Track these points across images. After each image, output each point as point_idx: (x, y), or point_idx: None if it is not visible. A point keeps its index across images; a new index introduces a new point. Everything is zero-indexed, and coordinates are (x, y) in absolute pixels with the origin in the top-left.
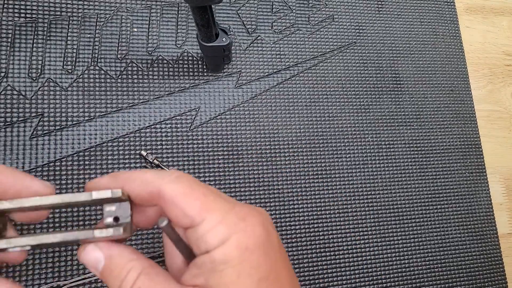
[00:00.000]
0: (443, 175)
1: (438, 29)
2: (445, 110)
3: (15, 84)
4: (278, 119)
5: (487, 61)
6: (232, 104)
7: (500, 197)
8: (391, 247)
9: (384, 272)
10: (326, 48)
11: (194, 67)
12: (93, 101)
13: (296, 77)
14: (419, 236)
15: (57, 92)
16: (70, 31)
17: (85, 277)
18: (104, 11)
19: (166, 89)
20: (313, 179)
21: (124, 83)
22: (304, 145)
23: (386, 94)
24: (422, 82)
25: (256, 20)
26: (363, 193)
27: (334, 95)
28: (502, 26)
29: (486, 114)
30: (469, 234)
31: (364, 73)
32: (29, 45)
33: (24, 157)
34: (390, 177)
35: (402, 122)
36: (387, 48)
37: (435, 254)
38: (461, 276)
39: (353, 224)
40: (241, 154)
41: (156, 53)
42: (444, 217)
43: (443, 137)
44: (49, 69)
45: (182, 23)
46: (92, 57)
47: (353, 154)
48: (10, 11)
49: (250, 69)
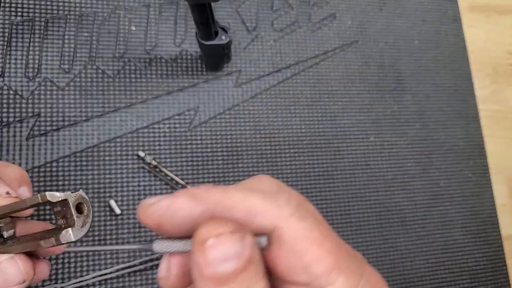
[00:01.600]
0: (445, 175)
1: (441, 28)
2: (448, 110)
3: (11, 83)
4: (279, 119)
5: (491, 61)
6: (232, 104)
7: (504, 198)
8: (393, 249)
9: (386, 274)
10: (327, 46)
11: (193, 66)
12: (90, 100)
13: (297, 76)
14: (422, 237)
15: (54, 92)
16: (67, 30)
17: (83, 280)
18: (102, 10)
19: (165, 88)
20: (314, 179)
21: (122, 83)
22: (305, 145)
23: (388, 93)
24: (424, 82)
25: (256, 18)
26: (365, 194)
27: (336, 94)
28: (506, 25)
29: (489, 114)
30: (472, 235)
31: (366, 72)
32: (25, 44)
33: (21, 157)
34: (392, 177)
35: (404, 121)
36: (389, 46)
37: (438, 256)
38: (464, 277)
39: (355, 225)
40: (241, 154)
41: (154, 52)
42: (447, 218)
43: (446, 137)
44: (45, 69)
45: (181, 22)
46: (90, 56)
47: (355, 154)
48: (6, 10)
49: (250, 68)
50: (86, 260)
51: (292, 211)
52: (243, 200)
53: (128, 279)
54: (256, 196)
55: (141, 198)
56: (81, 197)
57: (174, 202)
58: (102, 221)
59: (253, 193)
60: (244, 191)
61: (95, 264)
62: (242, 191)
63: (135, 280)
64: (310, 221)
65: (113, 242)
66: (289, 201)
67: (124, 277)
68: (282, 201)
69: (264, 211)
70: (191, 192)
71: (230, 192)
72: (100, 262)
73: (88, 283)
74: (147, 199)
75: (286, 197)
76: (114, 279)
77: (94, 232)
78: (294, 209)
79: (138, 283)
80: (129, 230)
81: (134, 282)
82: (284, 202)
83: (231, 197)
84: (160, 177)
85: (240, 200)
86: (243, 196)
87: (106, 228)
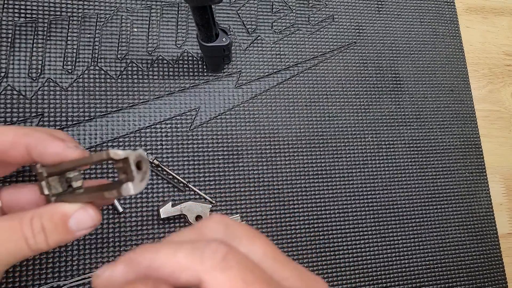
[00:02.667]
0: (443, 175)
1: (438, 29)
2: (445, 110)
3: (15, 84)
4: (278, 119)
5: (487, 61)
6: (232, 104)
7: (500, 197)
8: (391, 247)
9: (384, 272)
10: (326, 48)
11: (194, 67)
12: (93, 101)
13: (296, 77)
14: (419, 236)
15: (57, 92)
16: (70, 31)
17: (85, 277)
18: (104, 11)
19: (166, 89)
20: (313, 179)
21: (124, 83)
22: (304, 145)
23: (386, 94)
24: (422, 82)
25: (256, 20)
26: (363, 193)
27: (334, 95)
28: (502, 26)
29: (486, 114)
30: (469, 234)
31: (364, 73)
32: (29, 45)
33: None
34: (390, 177)
35: (402, 122)
36: (387, 48)
37: (435, 254)
38: (460, 276)
39: (353, 224)
40: (241, 154)
41: (156, 53)
42: (444, 217)
43: (443, 137)
44: (49, 69)
45: (182, 23)
46: (92, 57)
47: (353, 154)
48: (10, 11)
49: (250, 69)
50: (89, 257)
51: (216, 262)
52: (171, 258)
53: None
54: (183, 252)
55: (143, 196)
56: (140, 155)
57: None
58: (105, 219)
59: (181, 248)
60: (173, 248)
61: (97, 262)
62: (171, 248)
63: None
64: (233, 272)
65: (116, 240)
66: (215, 252)
67: None
68: (208, 252)
69: (189, 266)
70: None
71: (160, 252)
72: (103, 260)
73: (90, 280)
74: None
75: (213, 248)
76: None
77: (97, 229)
78: (218, 260)
79: None
80: (131, 227)
81: None
82: (210, 254)
83: (160, 257)
84: (162, 176)
85: (167, 258)
86: (172, 253)
87: (109, 226)
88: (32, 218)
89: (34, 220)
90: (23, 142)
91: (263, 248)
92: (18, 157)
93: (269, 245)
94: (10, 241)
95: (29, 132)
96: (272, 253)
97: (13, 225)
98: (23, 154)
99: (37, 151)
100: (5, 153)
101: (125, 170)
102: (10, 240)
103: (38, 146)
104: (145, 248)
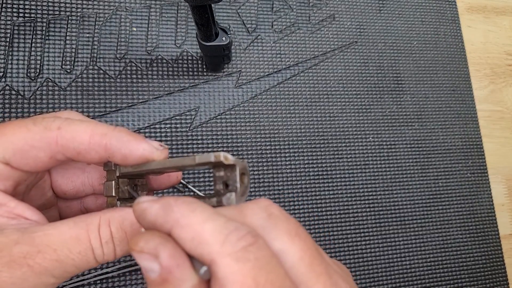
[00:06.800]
0: (444, 175)
1: (440, 28)
2: (446, 110)
3: (13, 84)
4: (279, 119)
5: (489, 61)
6: (232, 104)
7: (502, 198)
8: (392, 248)
9: (385, 273)
10: (326, 47)
11: (193, 67)
12: (92, 101)
13: (296, 77)
14: (420, 236)
15: (55, 92)
16: (68, 30)
17: (84, 278)
18: (103, 11)
19: (166, 89)
20: (313, 179)
21: (123, 83)
22: (304, 145)
23: (387, 93)
24: (423, 82)
25: (256, 19)
26: (364, 194)
27: (335, 94)
28: (504, 25)
29: (487, 114)
30: (470, 235)
31: (365, 72)
32: (27, 45)
33: None
34: (391, 177)
35: (403, 122)
36: (388, 47)
37: (436, 255)
38: (462, 277)
39: (354, 224)
40: (241, 154)
41: (155, 52)
42: (445, 217)
43: (445, 137)
44: (47, 69)
45: (182, 23)
46: (91, 56)
47: (354, 154)
48: (8, 11)
49: (250, 69)
50: None
51: (235, 250)
52: (198, 225)
53: (130, 277)
54: (211, 225)
55: None
56: (245, 167)
57: (150, 207)
58: None
59: (212, 221)
60: (206, 217)
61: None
62: (204, 215)
63: (136, 279)
64: (247, 266)
65: None
66: (240, 239)
67: (126, 276)
68: (232, 236)
69: (208, 241)
70: (167, 202)
71: (194, 213)
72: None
73: (89, 281)
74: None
75: (240, 234)
76: (115, 277)
77: None
78: (238, 249)
79: (139, 281)
80: None
81: (135, 281)
82: (233, 239)
83: (190, 218)
84: None
85: (195, 223)
86: (201, 221)
87: None
88: (100, 225)
89: (103, 229)
90: (103, 143)
91: (302, 251)
92: (94, 159)
93: (310, 250)
94: (78, 253)
95: (108, 131)
96: (310, 260)
97: (80, 234)
98: (102, 156)
99: (120, 154)
100: (81, 156)
101: (225, 180)
102: (77, 252)
103: (122, 149)
104: (186, 201)
